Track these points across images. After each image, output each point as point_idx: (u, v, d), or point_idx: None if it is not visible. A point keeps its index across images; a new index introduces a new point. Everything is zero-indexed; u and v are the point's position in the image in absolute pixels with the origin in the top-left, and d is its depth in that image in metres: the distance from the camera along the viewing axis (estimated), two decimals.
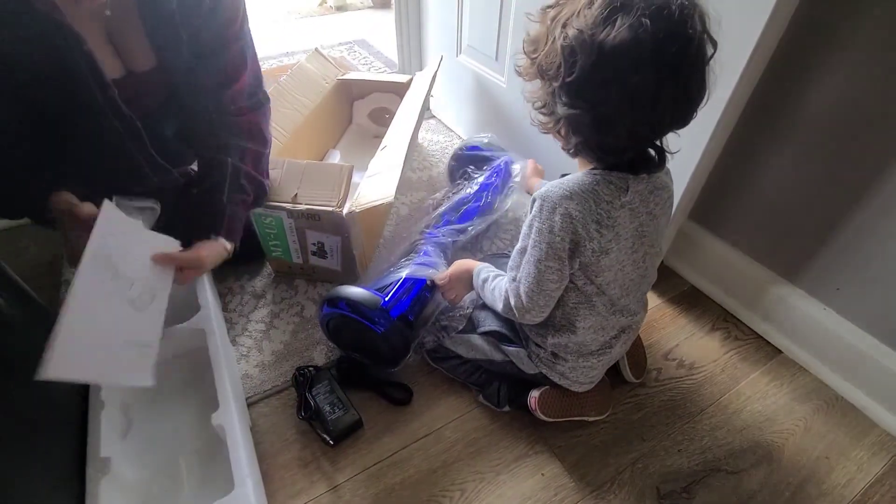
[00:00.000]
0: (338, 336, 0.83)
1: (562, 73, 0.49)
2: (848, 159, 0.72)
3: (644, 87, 0.47)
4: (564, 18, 0.49)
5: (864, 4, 0.64)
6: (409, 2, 1.43)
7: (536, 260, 0.60)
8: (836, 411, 0.81)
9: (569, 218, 0.56)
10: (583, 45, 0.46)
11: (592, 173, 0.58)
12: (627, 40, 0.44)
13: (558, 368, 0.70)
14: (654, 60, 0.45)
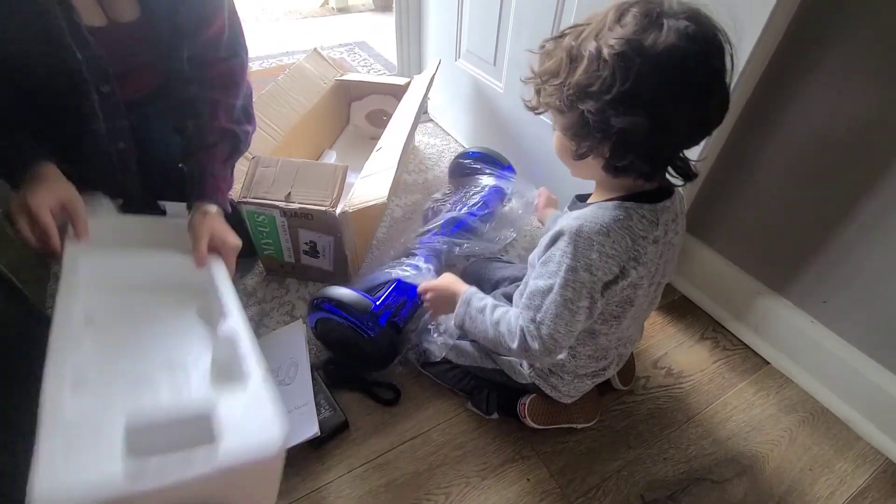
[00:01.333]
0: (326, 337, 0.83)
1: (615, 82, 0.46)
2: (837, 174, 0.73)
3: (699, 85, 0.47)
4: (594, 34, 0.48)
5: (855, 21, 0.65)
6: (409, 5, 1.44)
7: (567, 300, 0.55)
8: (821, 423, 0.81)
9: (606, 256, 0.53)
10: (635, 49, 0.45)
11: (625, 207, 0.54)
12: (678, 41, 0.45)
13: (551, 381, 0.70)
14: (704, 59, 0.46)
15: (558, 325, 0.56)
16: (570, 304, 0.55)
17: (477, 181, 1.06)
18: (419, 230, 0.96)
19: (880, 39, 0.63)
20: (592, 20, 0.50)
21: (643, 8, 0.46)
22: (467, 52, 1.30)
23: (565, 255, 0.54)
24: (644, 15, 0.46)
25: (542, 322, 0.57)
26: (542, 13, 1.00)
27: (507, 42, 1.13)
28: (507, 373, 0.74)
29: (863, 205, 0.71)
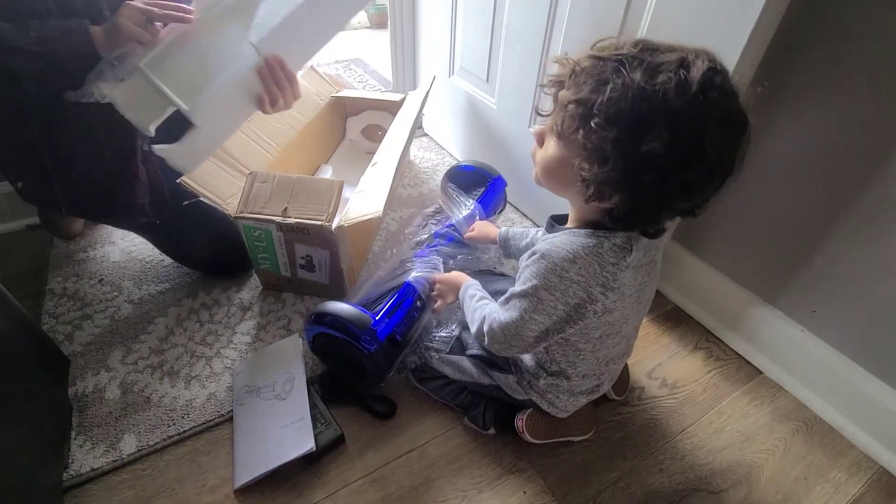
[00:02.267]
0: (324, 352, 0.83)
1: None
2: (820, 186, 0.75)
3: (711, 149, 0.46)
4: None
5: (829, 47, 0.67)
6: (404, 23, 1.47)
7: (523, 309, 0.59)
8: (814, 432, 0.82)
9: (569, 281, 0.55)
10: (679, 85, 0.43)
11: (596, 235, 0.55)
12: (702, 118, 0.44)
13: (548, 397, 0.71)
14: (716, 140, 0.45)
15: (510, 327, 0.61)
16: (525, 314, 0.59)
17: (467, 195, 1.07)
18: (412, 243, 0.97)
19: (855, 59, 0.65)
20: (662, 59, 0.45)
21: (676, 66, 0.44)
22: (461, 68, 1.33)
23: (532, 274, 0.58)
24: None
25: (503, 318, 0.62)
26: (532, 31, 1.02)
27: (499, 59, 1.15)
28: (504, 389, 0.74)
29: (846, 216, 0.73)
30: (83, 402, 0.80)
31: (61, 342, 0.89)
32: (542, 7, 0.97)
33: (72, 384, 0.82)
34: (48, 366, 0.79)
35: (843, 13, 0.65)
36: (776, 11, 0.67)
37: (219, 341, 0.91)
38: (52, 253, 1.08)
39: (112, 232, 1.14)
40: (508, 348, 0.64)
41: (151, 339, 0.91)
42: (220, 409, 0.80)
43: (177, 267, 1.06)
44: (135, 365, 0.86)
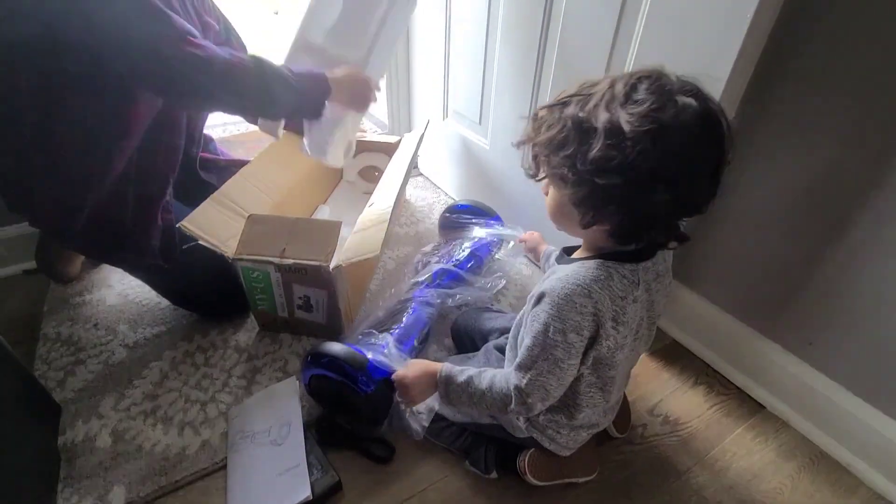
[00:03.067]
0: (320, 394, 0.82)
1: (642, 160, 0.45)
2: (807, 220, 0.77)
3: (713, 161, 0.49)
4: (604, 106, 0.48)
5: (808, 83, 0.71)
6: (399, 69, 1.53)
7: (557, 360, 0.57)
8: (821, 469, 0.80)
9: (589, 317, 0.55)
10: (660, 126, 0.45)
11: (606, 266, 0.55)
12: (694, 119, 0.46)
13: (548, 433, 0.70)
14: (716, 136, 0.48)
15: (550, 381, 0.58)
16: (561, 363, 0.57)
17: (465, 233, 1.09)
18: (410, 282, 0.98)
19: (835, 94, 0.69)
20: (595, 89, 0.50)
21: (654, 83, 0.47)
22: (454, 111, 1.38)
23: (551, 318, 0.55)
24: (658, 90, 0.47)
25: (534, 380, 0.58)
26: (522, 75, 1.07)
27: (490, 102, 1.20)
28: (506, 427, 0.73)
29: (834, 247, 0.74)
30: (72, 452, 0.77)
31: (53, 389, 0.87)
32: (531, 51, 1.02)
33: (62, 433, 0.80)
34: (38, 414, 0.77)
35: (820, 50, 0.69)
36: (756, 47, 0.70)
37: (214, 385, 0.89)
38: (48, 297, 1.08)
39: (109, 275, 1.14)
40: (550, 400, 0.61)
41: (145, 384, 0.89)
42: (214, 456, 0.78)
43: (174, 309, 1.05)
44: (127, 411, 0.84)
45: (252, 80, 0.77)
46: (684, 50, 0.74)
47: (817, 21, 0.67)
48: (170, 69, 0.71)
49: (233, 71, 0.75)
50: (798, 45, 0.69)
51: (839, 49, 0.66)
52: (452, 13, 1.23)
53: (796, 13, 0.67)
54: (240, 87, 0.76)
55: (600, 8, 0.85)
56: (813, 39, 0.68)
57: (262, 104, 0.81)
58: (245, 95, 0.77)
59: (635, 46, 0.81)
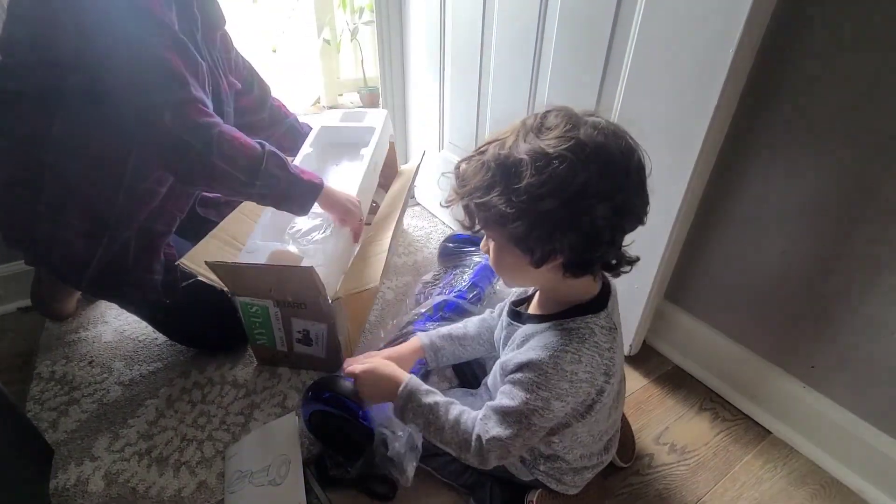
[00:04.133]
0: (321, 430, 0.80)
1: (573, 175, 0.46)
2: (802, 241, 0.78)
3: (636, 168, 0.50)
4: (522, 140, 0.50)
5: (800, 98, 0.73)
6: (395, 102, 1.57)
7: (531, 425, 0.55)
8: (834, 496, 0.78)
9: (579, 382, 0.54)
10: (581, 143, 0.47)
11: (586, 323, 0.55)
12: (607, 135, 0.49)
13: (553, 475, 0.68)
14: (630, 147, 0.50)
15: (515, 443, 0.56)
16: (533, 428, 0.56)
17: (465, 262, 1.09)
18: (411, 313, 0.97)
19: (821, 113, 0.70)
20: (507, 131, 0.52)
21: (561, 112, 0.51)
22: (449, 142, 1.41)
23: (536, 385, 0.54)
24: (566, 116, 0.50)
25: (502, 438, 0.56)
26: (515, 107, 1.10)
27: (485, 134, 1.23)
28: (509, 469, 0.71)
29: (833, 268, 0.75)
30: (64, 497, 0.75)
31: (45, 430, 0.85)
32: (524, 83, 1.05)
33: (53, 476, 0.77)
34: (30, 457, 0.75)
35: (805, 66, 0.72)
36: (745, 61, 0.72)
37: (211, 423, 0.87)
38: (43, 335, 1.07)
39: (105, 311, 1.13)
40: (504, 461, 0.60)
41: (140, 423, 0.87)
42: (211, 497, 0.75)
43: (170, 345, 1.04)
44: (121, 452, 0.82)
45: (249, 151, 0.78)
46: (672, 75, 0.77)
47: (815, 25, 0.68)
48: (172, 134, 0.71)
49: (233, 142, 0.76)
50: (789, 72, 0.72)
51: (837, 62, 0.69)
52: (447, 45, 1.27)
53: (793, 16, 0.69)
54: (234, 155, 0.76)
55: (590, 39, 0.88)
56: (808, 54, 0.71)
57: (253, 177, 0.78)
58: (237, 165, 0.76)
59: (625, 77, 0.84)
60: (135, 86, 0.70)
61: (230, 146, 0.75)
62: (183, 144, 0.72)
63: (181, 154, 0.73)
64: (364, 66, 2.66)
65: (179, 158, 0.74)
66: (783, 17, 0.68)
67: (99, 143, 0.76)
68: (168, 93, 0.70)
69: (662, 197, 0.83)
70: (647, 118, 0.82)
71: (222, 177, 0.76)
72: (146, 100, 0.70)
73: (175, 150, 0.73)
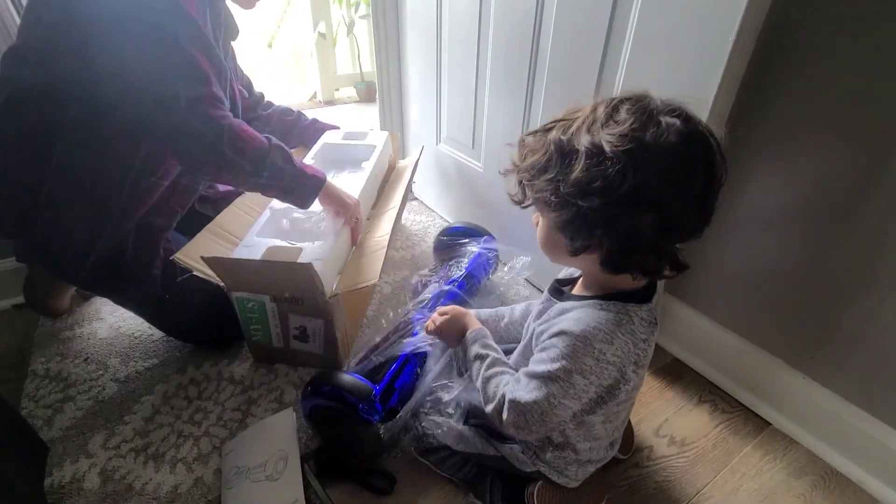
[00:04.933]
0: (321, 425, 0.80)
1: (623, 179, 0.45)
2: (803, 232, 0.77)
3: (701, 181, 0.47)
4: (585, 129, 0.48)
5: (796, 93, 0.73)
6: (392, 97, 1.56)
7: (551, 394, 0.55)
8: (833, 486, 0.78)
9: (605, 363, 0.53)
10: (641, 145, 0.45)
11: (627, 310, 0.54)
12: (678, 138, 0.45)
13: (557, 467, 0.68)
14: (703, 156, 0.47)
15: (534, 410, 0.56)
16: (553, 399, 0.55)
17: (460, 254, 1.09)
18: (409, 305, 0.97)
19: (821, 106, 0.70)
20: (578, 114, 0.51)
21: (636, 104, 0.47)
22: (447, 137, 1.40)
23: (563, 356, 0.54)
24: (640, 111, 0.47)
25: (521, 401, 0.56)
26: (513, 99, 1.09)
27: (483, 127, 1.22)
28: (510, 461, 0.71)
29: (833, 261, 0.75)
30: (59, 495, 0.74)
31: (40, 427, 0.84)
32: (522, 75, 1.04)
33: (48, 474, 0.77)
34: (24, 455, 0.74)
35: (804, 64, 0.71)
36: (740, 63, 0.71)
37: (207, 419, 0.87)
38: (38, 332, 1.06)
39: (100, 308, 1.12)
40: (528, 433, 0.59)
41: (136, 420, 0.86)
42: (208, 494, 0.75)
43: (166, 341, 1.03)
44: (117, 449, 0.81)
45: (257, 143, 0.80)
46: (671, 68, 0.76)
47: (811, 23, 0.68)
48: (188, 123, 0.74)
49: (241, 134, 0.78)
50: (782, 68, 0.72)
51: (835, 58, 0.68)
52: (443, 38, 1.26)
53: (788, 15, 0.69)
54: (243, 146, 0.78)
55: (588, 32, 0.87)
56: (806, 47, 0.70)
57: (259, 168, 0.81)
58: (245, 155, 0.79)
59: (623, 68, 0.83)
60: (158, 74, 0.72)
61: (239, 137, 0.77)
62: (196, 132, 0.74)
63: (193, 141, 0.75)
64: (360, 61, 2.65)
65: (191, 145, 0.76)
66: None
67: (112, 133, 0.78)
68: (189, 86, 0.72)
69: None
70: None
71: (230, 165, 0.78)
72: (168, 89, 0.72)
73: (188, 137, 0.75)
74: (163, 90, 0.72)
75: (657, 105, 0.48)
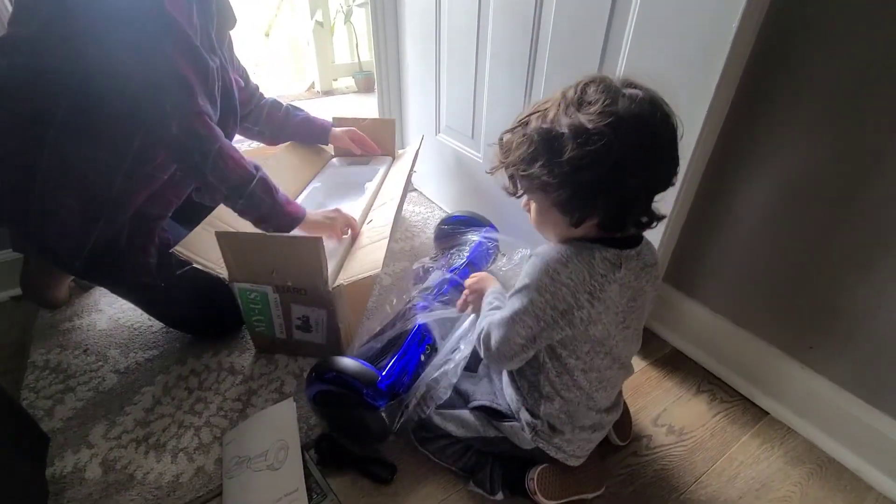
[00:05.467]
0: (325, 410, 0.80)
1: (610, 150, 0.50)
2: (801, 224, 0.77)
3: (667, 138, 0.54)
4: (563, 113, 0.53)
5: (799, 82, 0.72)
6: (390, 88, 1.55)
7: (514, 311, 0.60)
8: (830, 474, 0.79)
9: (559, 284, 0.57)
10: (619, 117, 0.50)
11: (588, 246, 0.58)
12: (643, 107, 0.51)
13: (555, 441, 0.68)
14: (664, 117, 0.53)
15: (501, 331, 0.62)
16: (515, 315, 0.60)
17: (461, 242, 1.09)
18: (413, 292, 0.97)
19: (824, 97, 0.70)
20: (548, 103, 0.55)
21: (600, 84, 0.53)
22: (447, 126, 1.39)
23: (526, 275, 0.60)
24: (606, 89, 0.52)
25: (494, 321, 0.64)
26: (513, 88, 1.08)
27: (482, 117, 1.21)
28: (511, 439, 0.71)
29: (832, 250, 0.75)
30: (61, 484, 0.74)
31: (41, 418, 0.84)
32: (522, 64, 1.04)
33: (50, 464, 0.77)
34: (25, 446, 0.74)
35: (798, 64, 0.70)
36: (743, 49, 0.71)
37: (208, 409, 0.87)
38: (37, 324, 1.05)
39: (99, 299, 1.12)
40: (499, 357, 0.64)
41: (137, 411, 0.87)
42: (209, 483, 0.75)
43: (166, 332, 1.03)
44: (118, 439, 0.82)
45: (240, 172, 0.81)
46: (673, 54, 0.75)
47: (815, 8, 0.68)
48: (177, 139, 0.75)
49: (228, 161, 0.79)
50: (788, 48, 0.71)
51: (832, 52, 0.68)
52: (443, 27, 1.25)
53: (786, 14, 0.69)
54: (226, 175, 0.80)
55: (590, 19, 0.86)
56: (803, 41, 0.69)
57: (237, 196, 0.82)
58: (227, 183, 0.80)
59: (624, 57, 0.82)
60: (147, 83, 0.72)
61: (225, 164, 0.79)
62: (184, 150, 0.76)
63: (181, 157, 0.78)
64: (358, 50, 2.62)
65: (179, 160, 0.80)
66: None
67: (105, 125, 0.77)
68: (175, 101, 0.73)
69: None
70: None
71: (209, 189, 0.81)
72: (155, 103, 0.73)
73: (177, 152, 0.77)
74: (152, 102, 0.73)
75: (616, 81, 0.53)
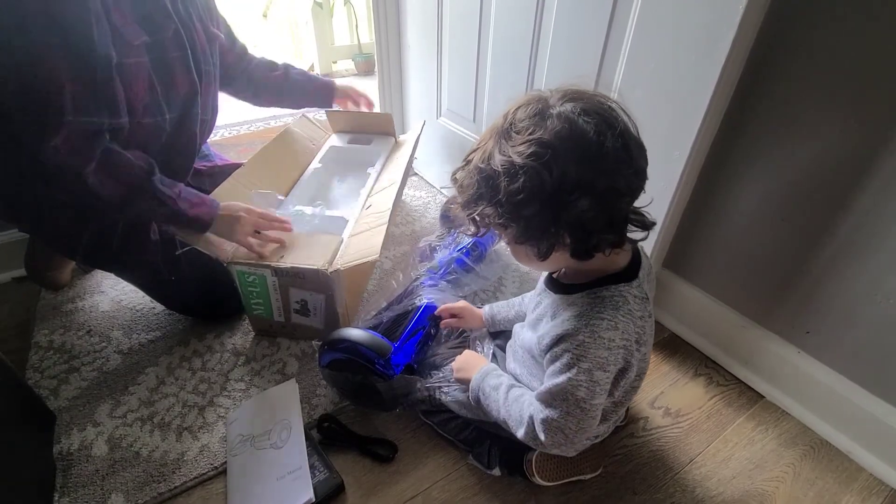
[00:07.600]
0: (336, 378, 0.82)
1: (542, 180, 0.47)
2: (801, 210, 0.77)
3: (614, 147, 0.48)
4: (497, 149, 0.50)
5: (799, 75, 0.71)
6: (391, 70, 1.53)
7: (580, 400, 0.55)
8: (822, 456, 0.81)
9: (616, 348, 0.54)
10: (541, 145, 0.47)
11: (620, 291, 0.55)
12: (571, 121, 0.48)
13: None
14: (605, 123, 0.48)
15: (569, 422, 0.57)
16: (583, 404, 0.56)
17: None
18: (420, 269, 0.98)
19: (827, 89, 0.69)
20: (487, 137, 0.53)
21: (528, 107, 0.50)
22: (448, 110, 1.37)
23: (576, 358, 0.54)
24: (532, 114, 0.50)
25: (553, 419, 0.57)
26: (515, 71, 1.07)
27: (484, 100, 1.20)
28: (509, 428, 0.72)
29: (828, 236, 0.75)
30: (68, 461, 0.76)
31: (47, 397, 0.85)
32: (524, 46, 1.02)
33: (57, 441, 0.78)
34: (33, 423, 0.76)
35: (791, 63, 0.70)
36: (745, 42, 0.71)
37: (211, 389, 0.88)
38: (39, 305, 1.06)
39: (101, 281, 1.13)
40: (570, 447, 0.59)
41: (141, 391, 0.88)
42: (214, 461, 0.77)
43: (168, 314, 1.04)
44: (123, 418, 0.83)
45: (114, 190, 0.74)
46: (677, 36, 0.74)
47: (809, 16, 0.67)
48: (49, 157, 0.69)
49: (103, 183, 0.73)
50: (790, 39, 0.70)
51: (833, 42, 0.67)
52: (445, 7, 1.23)
53: (787, 9, 0.68)
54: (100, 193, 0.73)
55: (594, 3, 0.85)
56: (806, 33, 0.69)
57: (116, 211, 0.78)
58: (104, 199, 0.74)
59: (629, 40, 0.81)
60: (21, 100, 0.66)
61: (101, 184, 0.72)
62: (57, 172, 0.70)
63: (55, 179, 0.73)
64: (358, 32, 2.58)
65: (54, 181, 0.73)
66: None
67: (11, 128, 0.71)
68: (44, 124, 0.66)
69: (663, 166, 0.82)
70: (649, 85, 0.80)
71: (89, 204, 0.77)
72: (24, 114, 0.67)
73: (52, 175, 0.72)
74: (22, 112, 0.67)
75: (550, 96, 0.51)
